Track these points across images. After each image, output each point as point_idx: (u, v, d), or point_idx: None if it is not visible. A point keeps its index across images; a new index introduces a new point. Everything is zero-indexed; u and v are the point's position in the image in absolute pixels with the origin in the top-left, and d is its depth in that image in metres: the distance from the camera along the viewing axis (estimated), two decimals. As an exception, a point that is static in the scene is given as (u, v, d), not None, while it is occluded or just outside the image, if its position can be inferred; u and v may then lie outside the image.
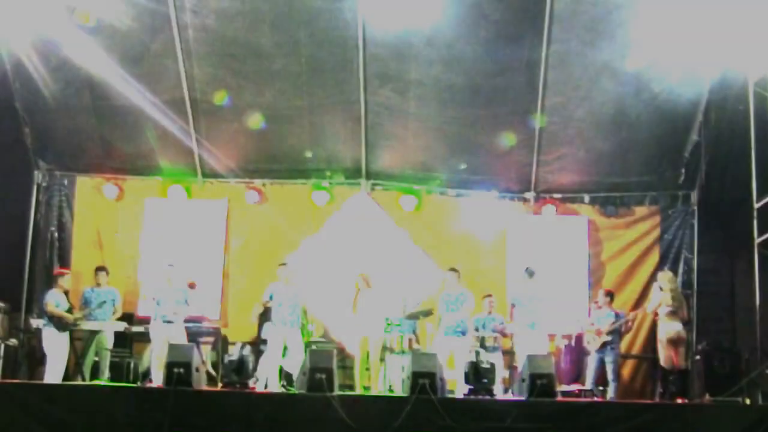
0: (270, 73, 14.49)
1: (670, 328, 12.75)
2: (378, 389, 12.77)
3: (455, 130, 15.06)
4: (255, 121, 14.89)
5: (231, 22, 13.87)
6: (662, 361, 12.91)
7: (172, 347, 10.85)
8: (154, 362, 12.92)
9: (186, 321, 13.48)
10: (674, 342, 12.71)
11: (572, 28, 13.68)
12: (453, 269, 13.69)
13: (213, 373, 13.53)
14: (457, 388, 12.13)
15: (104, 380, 12.81)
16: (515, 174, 15.61)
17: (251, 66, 14.43)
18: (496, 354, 13.51)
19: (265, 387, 12.66)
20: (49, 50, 13.93)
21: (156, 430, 9.84)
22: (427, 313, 13.80)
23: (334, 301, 14.83)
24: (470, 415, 10.14)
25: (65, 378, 12.99)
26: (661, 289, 13.07)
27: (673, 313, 12.84)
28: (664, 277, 13.36)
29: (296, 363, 12.60)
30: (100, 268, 13.77)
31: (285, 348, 12.92)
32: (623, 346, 14.52)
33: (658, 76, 13.90)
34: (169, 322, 13.12)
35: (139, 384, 12.88)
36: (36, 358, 14.12)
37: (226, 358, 11.31)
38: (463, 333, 13.21)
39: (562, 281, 15.44)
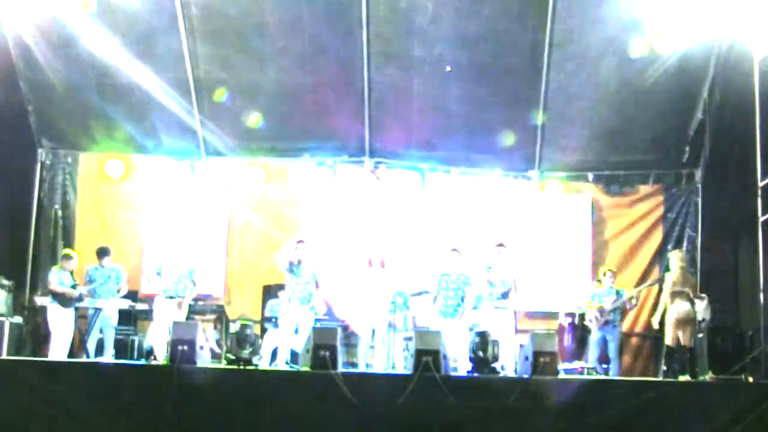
0: (273, 51, 14.46)
1: (680, 308, 12.72)
2: (381, 367, 12.80)
3: (459, 108, 15.02)
4: (258, 99, 14.88)
5: (234, 0, 13.83)
6: (669, 341, 12.89)
7: (177, 324, 10.86)
8: (154, 337, 12.95)
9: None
10: (684, 322, 12.69)
11: (576, 6, 13.65)
12: (455, 249, 13.65)
13: (217, 350, 13.57)
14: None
15: (108, 358, 12.86)
16: (519, 153, 15.58)
17: (254, 44, 14.38)
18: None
19: (270, 364, 12.70)
20: (53, 28, 13.90)
21: (160, 407, 9.87)
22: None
23: (339, 279, 14.86)
24: (473, 393, 10.18)
25: (69, 355, 13.07)
26: (669, 269, 13.07)
27: (681, 293, 12.83)
28: (676, 255, 13.31)
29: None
30: (102, 249, 13.77)
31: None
32: (626, 324, 14.58)
33: (663, 54, 13.85)
34: (171, 297, 13.14)
35: (143, 361, 12.92)
36: (40, 336, 14.16)
37: (230, 336, 11.31)
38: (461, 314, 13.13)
39: (565, 260, 15.50)
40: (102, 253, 13.67)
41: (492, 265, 13.05)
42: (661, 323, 12.96)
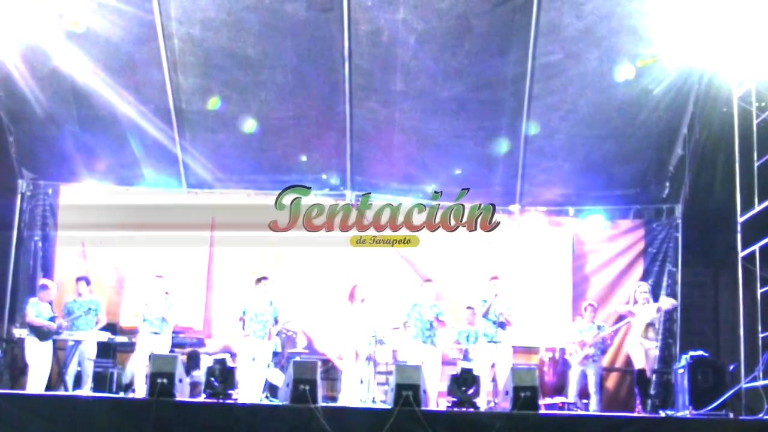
0: (255, 83, 14.49)
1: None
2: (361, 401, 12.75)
3: (440, 142, 15.07)
4: (240, 131, 14.88)
5: (217, 33, 13.85)
6: (641, 368, 12.99)
7: (156, 358, 10.79)
8: (139, 373, 12.90)
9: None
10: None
11: (557, 42, 13.74)
12: (428, 280, 13.72)
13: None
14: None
15: (87, 390, 12.75)
16: (500, 186, 15.61)
17: (237, 76, 14.40)
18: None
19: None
20: (34, 59, 13.89)
21: (138, 441, 9.81)
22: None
23: (319, 312, 14.83)
24: (453, 427, 10.13)
25: (48, 388, 12.95)
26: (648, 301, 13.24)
27: (651, 325, 13.05)
28: (646, 288, 13.46)
29: (265, 376, 12.72)
30: (81, 278, 13.73)
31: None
32: (607, 358, 14.57)
33: (643, 90, 13.96)
34: (156, 333, 13.13)
35: (122, 394, 12.82)
36: (18, 368, 14.05)
37: (209, 369, 11.22)
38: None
39: (546, 294, 15.48)
40: (81, 279, 13.64)
41: (487, 298, 13.09)
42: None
